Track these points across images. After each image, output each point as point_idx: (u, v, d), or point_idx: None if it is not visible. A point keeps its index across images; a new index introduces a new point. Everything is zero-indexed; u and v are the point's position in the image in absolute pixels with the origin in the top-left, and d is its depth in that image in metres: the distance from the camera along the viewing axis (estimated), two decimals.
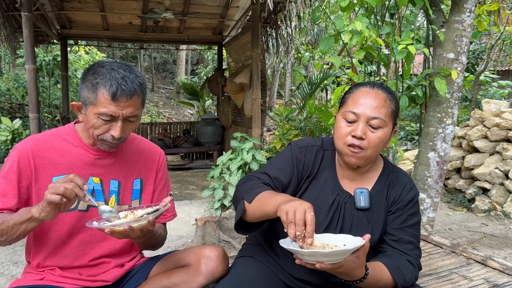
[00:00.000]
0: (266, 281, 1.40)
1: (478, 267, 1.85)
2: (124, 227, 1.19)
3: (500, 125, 5.21)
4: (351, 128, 1.35)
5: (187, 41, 8.04)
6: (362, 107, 1.35)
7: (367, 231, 1.36)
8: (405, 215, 1.43)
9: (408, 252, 1.39)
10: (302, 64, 16.56)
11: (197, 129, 7.96)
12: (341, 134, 1.37)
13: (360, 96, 1.37)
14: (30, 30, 4.14)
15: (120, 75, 1.31)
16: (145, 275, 1.53)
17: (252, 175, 1.44)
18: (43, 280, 1.43)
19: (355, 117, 1.35)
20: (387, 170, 1.49)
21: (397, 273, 1.31)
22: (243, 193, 1.35)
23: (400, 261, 1.36)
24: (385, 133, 1.36)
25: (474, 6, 2.91)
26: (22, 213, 1.25)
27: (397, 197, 1.44)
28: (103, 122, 1.33)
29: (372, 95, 1.36)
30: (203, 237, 3.55)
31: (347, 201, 1.42)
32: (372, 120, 1.34)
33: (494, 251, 3.72)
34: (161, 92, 18.78)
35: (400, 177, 1.48)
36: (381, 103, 1.35)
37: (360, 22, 2.68)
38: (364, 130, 1.33)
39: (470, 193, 5.21)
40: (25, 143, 1.41)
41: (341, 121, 1.38)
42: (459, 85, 2.97)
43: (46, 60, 9.88)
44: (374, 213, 1.42)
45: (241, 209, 1.32)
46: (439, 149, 3.00)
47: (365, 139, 1.33)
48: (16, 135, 8.08)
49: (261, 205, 1.27)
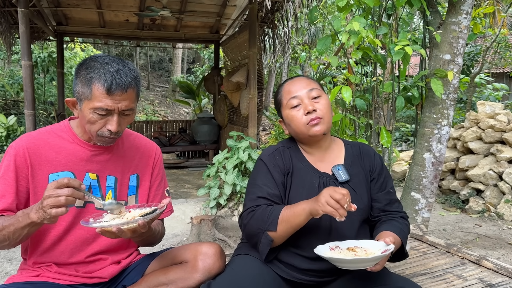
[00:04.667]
0: (263, 277, 1.41)
1: (472, 267, 1.86)
2: (113, 229, 1.18)
3: (495, 127, 5.25)
4: (301, 110, 1.51)
5: (184, 39, 8.02)
6: (297, 90, 1.53)
7: (356, 200, 1.47)
8: (386, 179, 1.61)
9: (399, 209, 1.59)
10: (298, 64, 16.57)
11: (193, 128, 7.94)
12: (297, 119, 1.52)
13: (289, 86, 1.57)
14: (26, 26, 4.12)
15: (114, 68, 1.31)
16: (141, 271, 1.53)
17: (250, 206, 1.48)
18: (39, 276, 1.42)
19: (298, 100, 1.52)
20: (348, 145, 1.66)
21: (401, 233, 1.46)
22: (261, 226, 1.41)
23: (398, 222, 1.53)
24: (326, 99, 1.55)
25: (470, 8, 2.93)
26: (21, 218, 1.23)
27: (371, 165, 1.61)
28: (99, 116, 1.33)
29: (297, 80, 1.58)
30: (199, 235, 3.55)
31: (329, 180, 1.54)
32: (311, 92, 1.52)
33: (488, 251, 3.75)
34: (157, 90, 18.74)
35: (363, 147, 1.66)
36: (307, 81, 1.56)
37: (358, 22, 2.69)
38: (311, 103, 1.50)
39: (464, 194, 5.25)
40: (20, 141, 1.40)
41: (290, 111, 1.53)
42: (455, 87, 3.00)
43: (41, 57, 9.82)
44: (356, 182, 1.55)
45: (269, 241, 1.40)
46: (434, 150, 3.02)
47: (317, 109, 1.50)
48: (11, 131, 8.03)
49: (289, 223, 1.37)
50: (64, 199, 1.14)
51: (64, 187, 1.16)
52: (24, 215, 1.22)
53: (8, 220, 1.26)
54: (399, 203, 1.62)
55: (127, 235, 1.23)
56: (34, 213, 1.19)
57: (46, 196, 1.15)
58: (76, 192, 1.17)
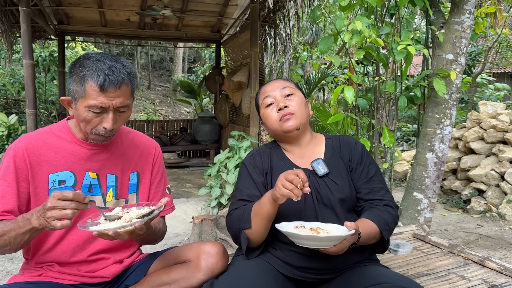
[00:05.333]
0: (265, 275, 1.41)
1: (475, 268, 1.85)
2: (109, 232, 1.17)
3: (497, 127, 5.23)
4: (274, 108, 1.56)
5: (185, 38, 8.01)
6: (271, 90, 1.59)
7: (338, 191, 1.52)
8: (366, 167, 1.60)
9: (383, 197, 1.55)
10: (299, 64, 16.56)
11: (194, 127, 7.94)
12: (271, 118, 1.57)
13: (265, 87, 1.64)
14: (28, 25, 4.12)
15: (106, 65, 1.30)
16: (144, 271, 1.52)
17: (231, 210, 1.54)
18: (41, 276, 1.42)
19: (271, 98, 1.57)
20: (329, 139, 1.68)
21: (379, 220, 1.45)
22: (238, 226, 1.46)
23: (379, 209, 1.51)
24: (300, 97, 1.59)
25: (473, 7, 2.92)
26: (21, 223, 1.21)
27: (350, 154, 1.62)
28: (94, 114, 1.32)
29: (272, 82, 1.64)
30: (200, 235, 3.54)
31: (309, 175, 1.54)
32: (283, 90, 1.57)
33: (490, 252, 3.74)
34: (158, 89, 18.74)
35: (343, 138, 1.67)
36: (281, 81, 1.63)
37: (360, 21, 2.68)
38: (283, 100, 1.55)
39: (466, 194, 5.24)
40: (19, 142, 1.39)
41: (265, 110, 1.59)
42: (457, 86, 2.99)
43: (42, 56, 9.82)
44: (336, 174, 1.57)
45: (245, 239, 1.44)
46: (437, 150, 3.01)
47: (288, 106, 1.54)
48: (12, 130, 8.02)
49: (260, 215, 1.40)
50: (71, 213, 1.13)
51: (69, 200, 1.14)
52: (25, 220, 1.20)
53: (9, 225, 1.24)
54: (386, 191, 1.60)
55: (124, 237, 1.22)
56: (35, 219, 1.17)
57: (50, 207, 1.12)
58: (81, 205, 1.15)
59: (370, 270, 1.42)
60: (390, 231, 1.49)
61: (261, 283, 1.36)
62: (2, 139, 7.83)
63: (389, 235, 1.48)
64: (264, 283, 1.36)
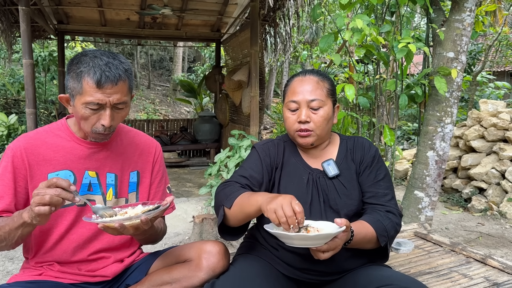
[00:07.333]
0: (266, 275, 1.40)
1: (477, 266, 1.85)
2: (115, 224, 1.17)
3: (497, 125, 5.23)
4: (296, 116, 1.50)
5: (185, 38, 8.00)
6: (300, 94, 1.49)
7: (345, 195, 1.49)
8: (375, 171, 1.55)
9: (386, 204, 1.50)
10: (299, 63, 16.55)
11: (194, 127, 7.93)
12: (289, 123, 1.52)
13: (296, 85, 1.52)
14: (27, 24, 4.11)
15: (103, 61, 1.29)
16: (145, 270, 1.52)
17: (230, 180, 1.50)
18: (42, 275, 1.41)
19: (297, 104, 1.50)
20: (344, 140, 1.63)
21: (377, 225, 1.40)
22: (222, 200, 1.41)
23: (379, 214, 1.46)
24: (327, 111, 1.50)
25: (474, 5, 2.92)
26: (15, 218, 1.22)
27: (362, 157, 1.57)
28: (91, 111, 1.31)
29: (305, 81, 1.51)
30: (200, 234, 3.53)
31: (319, 176, 1.53)
32: (311, 102, 1.48)
33: (491, 250, 3.73)
34: (158, 89, 18.73)
35: (358, 140, 1.62)
36: (315, 86, 1.50)
37: (361, 20, 2.67)
38: (307, 113, 1.48)
39: (467, 192, 5.23)
40: (17, 142, 1.39)
41: (286, 112, 1.53)
42: (458, 84, 2.98)
43: (42, 56, 9.80)
44: (346, 176, 1.53)
45: (221, 215, 1.38)
46: (438, 148, 3.01)
47: (310, 121, 1.48)
48: (12, 130, 8.02)
49: (241, 208, 1.33)
50: (48, 197, 1.11)
51: (53, 186, 1.14)
52: (18, 215, 1.21)
53: (5, 220, 1.25)
54: (391, 198, 1.54)
55: (129, 231, 1.22)
56: (26, 212, 1.18)
57: (34, 194, 1.14)
58: (64, 193, 1.14)
59: (373, 271, 1.41)
60: (389, 239, 1.43)
61: (262, 282, 1.35)
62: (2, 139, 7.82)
63: (386, 241, 1.42)
64: (266, 283, 1.36)
